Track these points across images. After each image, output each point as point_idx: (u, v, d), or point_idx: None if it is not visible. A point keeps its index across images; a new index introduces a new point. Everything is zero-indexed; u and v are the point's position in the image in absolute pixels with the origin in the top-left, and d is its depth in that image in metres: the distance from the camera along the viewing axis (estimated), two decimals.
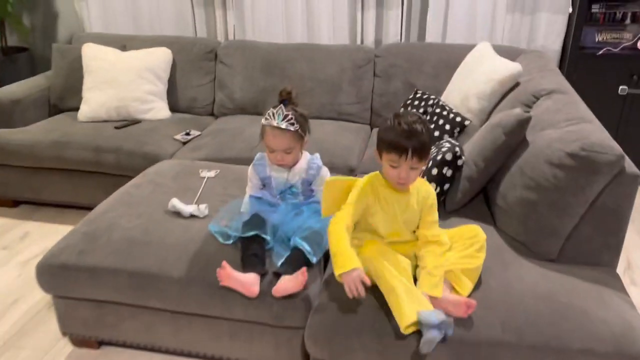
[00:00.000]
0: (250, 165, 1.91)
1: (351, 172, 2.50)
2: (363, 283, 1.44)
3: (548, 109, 2.00)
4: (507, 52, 2.75)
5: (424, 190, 1.64)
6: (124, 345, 1.94)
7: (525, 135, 1.90)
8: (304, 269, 1.60)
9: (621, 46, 2.94)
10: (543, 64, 2.58)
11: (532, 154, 1.81)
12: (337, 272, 1.46)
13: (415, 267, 1.62)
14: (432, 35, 3.26)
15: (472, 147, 1.99)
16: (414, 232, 1.67)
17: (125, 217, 1.94)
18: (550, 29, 3.09)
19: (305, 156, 1.88)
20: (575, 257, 1.73)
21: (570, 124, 1.82)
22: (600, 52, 2.94)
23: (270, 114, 1.74)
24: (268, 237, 1.73)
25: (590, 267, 1.71)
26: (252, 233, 1.71)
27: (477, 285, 1.58)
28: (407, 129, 1.46)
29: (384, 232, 1.62)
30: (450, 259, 1.59)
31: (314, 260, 1.71)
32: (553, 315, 1.48)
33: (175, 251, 1.77)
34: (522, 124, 1.85)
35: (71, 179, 2.81)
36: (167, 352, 1.90)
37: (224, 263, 1.62)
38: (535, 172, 1.75)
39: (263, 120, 1.77)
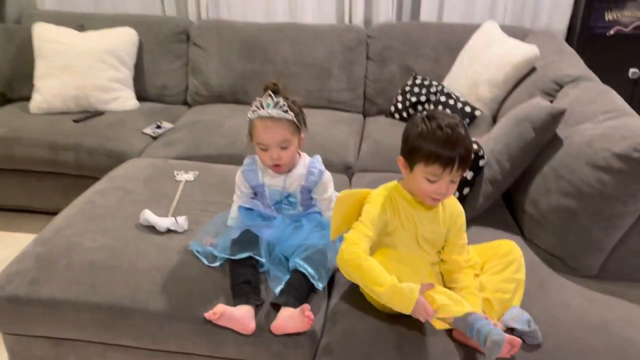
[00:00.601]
0: (239, 172, 1.61)
1: (348, 169, 2.23)
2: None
3: (579, 99, 1.76)
4: (513, 33, 2.51)
5: (450, 206, 1.38)
6: None
7: (555, 131, 1.66)
8: (307, 306, 1.33)
9: (632, 25, 2.71)
10: (557, 46, 2.34)
11: (568, 154, 1.57)
12: (406, 312, 1.20)
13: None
14: (427, 14, 2.97)
15: (493, 145, 1.74)
16: (438, 252, 1.41)
17: (87, 234, 1.63)
18: (555, 7, 2.84)
19: (304, 159, 1.59)
20: (619, 273, 1.53)
21: (609, 118, 1.59)
22: (611, 32, 2.71)
23: (258, 104, 1.46)
24: (262, 259, 1.46)
25: (638, 284, 1.50)
26: (243, 255, 1.43)
27: None
28: (451, 135, 1.18)
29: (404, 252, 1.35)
30: (486, 285, 1.35)
31: (320, 286, 1.44)
32: (610, 353, 1.25)
33: (150, 277, 1.49)
34: (556, 118, 1.62)
35: (24, 180, 2.51)
36: None
37: (219, 308, 1.36)
38: (574, 176, 1.51)
39: (250, 114, 1.48)
